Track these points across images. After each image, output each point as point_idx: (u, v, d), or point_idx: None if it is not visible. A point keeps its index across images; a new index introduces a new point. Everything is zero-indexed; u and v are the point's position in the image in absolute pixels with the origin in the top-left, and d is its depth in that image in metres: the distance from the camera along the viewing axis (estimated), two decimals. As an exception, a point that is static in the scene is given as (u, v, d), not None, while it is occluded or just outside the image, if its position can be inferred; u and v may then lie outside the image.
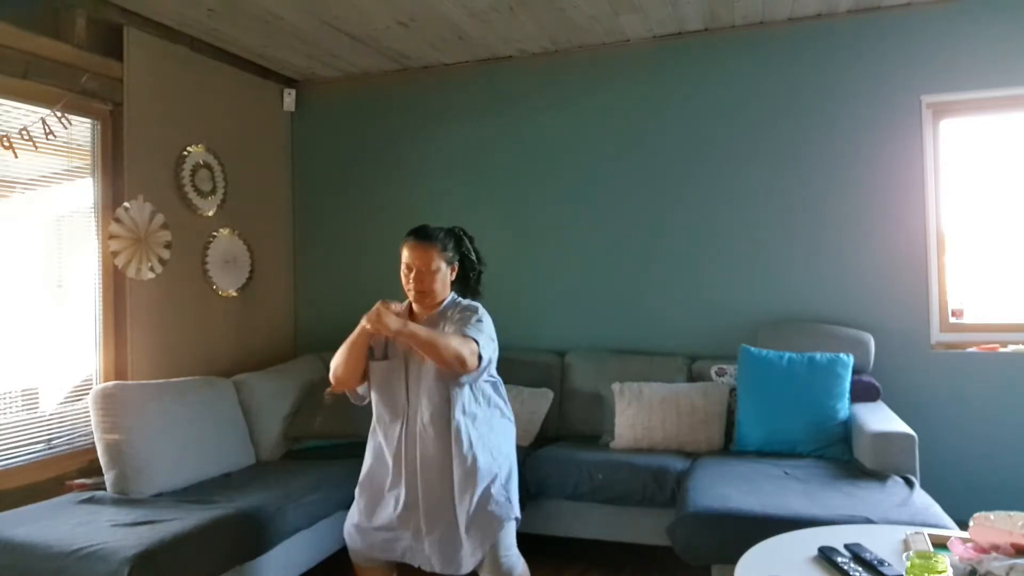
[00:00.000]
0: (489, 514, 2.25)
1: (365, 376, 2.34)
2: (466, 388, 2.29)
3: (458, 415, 2.25)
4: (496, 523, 2.25)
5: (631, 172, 4.00)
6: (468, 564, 2.26)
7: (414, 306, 2.38)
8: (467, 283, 2.46)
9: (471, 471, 2.24)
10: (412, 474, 2.28)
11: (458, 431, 2.24)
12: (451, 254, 2.36)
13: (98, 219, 3.39)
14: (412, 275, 2.29)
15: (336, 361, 2.29)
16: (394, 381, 2.31)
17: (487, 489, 2.26)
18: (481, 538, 2.25)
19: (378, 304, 2.15)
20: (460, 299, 2.41)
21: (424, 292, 2.30)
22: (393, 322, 2.06)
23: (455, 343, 2.11)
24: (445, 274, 2.34)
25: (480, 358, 2.17)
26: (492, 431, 2.34)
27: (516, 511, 2.33)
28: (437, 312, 2.35)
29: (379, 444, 2.36)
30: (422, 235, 2.31)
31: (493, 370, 2.36)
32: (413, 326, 2.11)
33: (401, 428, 2.29)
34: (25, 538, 2.35)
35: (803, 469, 2.89)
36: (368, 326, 2.11)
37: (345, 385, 2.33)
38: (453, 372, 2.18)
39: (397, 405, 2.30)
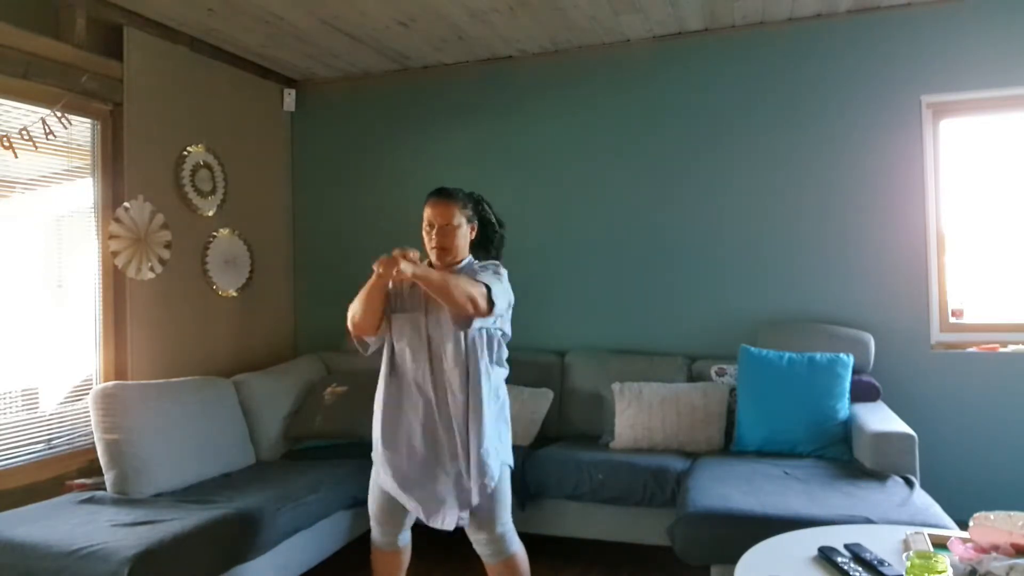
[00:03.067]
0: (491, 463, 2.27)
1: (379, 325, 2.35)
2: (483, 334, 2.31)
3: (479, 361, 2.28)
4: (489, 479, 2.27)
5: (631, 172, 4.00)
6: (475, 499, 2.28)
7: (434, 264, 2.40)
8: (488, 247, 2.51)
9: (483, 417, 2.27)
10: (445, 418, 2.29)
11: (477, 375, 2.28)
12: (471, 212, 2.42)
13: (98, 219, 3.39)
14: (434, 231, 2.34)
15: (354, 308, 2.31)
16: (416, 331, 2.32)
17: (491, 442, 2.29)
18: (480, 486, 2.26)
19: (395, 251, 2.16)
20: (477, 261, 2.45)
21: (445, 249, 2.33)
22: (406, 266, 2.07)
23: (464, 283, 2.15)
24: (465, 232, 2.39)
25: (491, 302, 2.19)
26: (499, 389, 2.39)
27: (509, 467, 2.37)
28: (455, 270, 2.36)
29: (400, 394, 2.34)
30: (443, 192, 2.39)
31: (507, 324, 2.39)
32: (425, 268, 2.13)
33: (426, 375, 2.30)
34: (25, 538, 2.35)
35: (803, 469, 2.89)
36: (381, 270, 2.11)
37: (363, 331, 2.34)
38: (466, 315, 2.19)
39: (420, 354, 2.31)
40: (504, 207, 4.19)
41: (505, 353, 2.45)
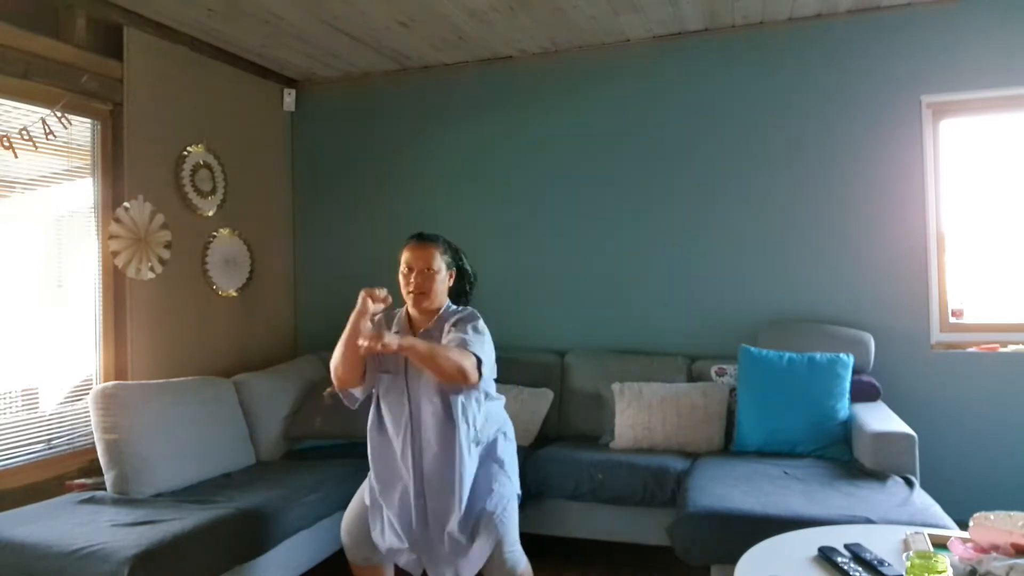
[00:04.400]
0: (491, 517, 2.26)
1: (363, 376, 2.34)
2: (470, 395, 2.30)
3: (459, 422, 2.26)
4: (498, 526, 2.27)
5: (631, 172, 4.00)
6: (475, 566, 2.28)
7: (411, 311, 2.40)
8: (460, 298, 2.49)
9: (469, 476, 2.27)
10: (419, 481, 2.30)
11: (460, 438, 2.26)
12: (450, 258, 2.40)
13: (98, 219, 3.39)
14: (413, 275, 2.31)
15: (335, 361, 2.28)
16: (397, 393, 2.33)
17: (489, 496, 2.29)
18: (485, 540, 2.26)
19: (362, 292, 2.17)
20: (454, 306, 2.43)
21: (424, 294, 2.30)
22: (391, 339, 2.00)
23: (455, 356, 2.11)
24: (444, 278, 2.36)
25: (480, 373, 2.18)
26: (490, 435, 2.38)
27: (515, 508, 2.36)
28: (435, 320, 2.36)
29: (384, 454, 2.36)
30: (423, 237, 2.37)
31: (491, 385, 2.38)
32: (411, 340, 2.09)
33: (406, 438, 2.30)
34: (25, 538, 2.35)
35: (803, 469, 2.89)
36: (365, 343, 2.03)
37: (346, 384, 2.32)
38: (455, 387, 2.20)
39: (401, 416, 2.32)
40: (504, 207, 4.23)
41: (493, 387, 2.42)
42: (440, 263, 2.33)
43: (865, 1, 3.54)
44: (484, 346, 2.25)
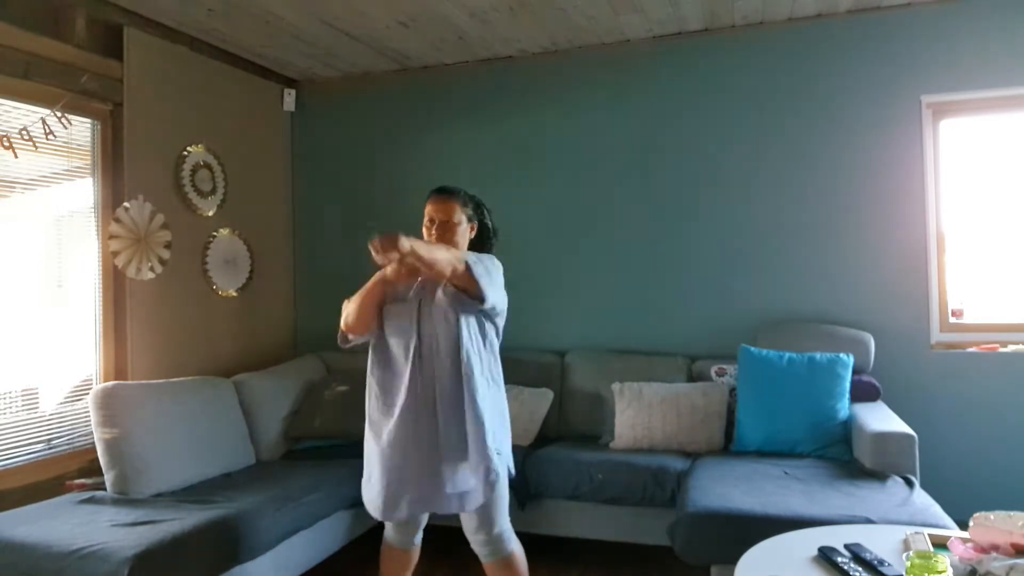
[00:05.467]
0: (494, 460, 2.24)
1: (373, 324, 2.34)
2: (472, 321, 2.29)
3: (465, 343, 2.25)
4: (493, 476, 2.24)
5: (631, 172, 4.00)
6: (474, 502, 2.25)
7: None
8: (482, 249, 2.49)
9: (479, 408, 2.24)
10: (427, 403, 2.26)
11: (468, 363, 2.24)
12: (471, 212, 2.44)
13: (98, 219, 3.39)
14: (434, 227, 2.36)
15: (349, 308, 2.32)
16: (408, 320, 2.31)
17: (493, 435, 2.26)
18: (484, 482, 2.23)
19: (390, 267, 2.17)
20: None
21: (445, 245, 2.31)
22: (403, 241, 2.05)
23: (444, 253, 2.15)
24: (465, 230, 2.41)
25: (474, 274, 2.17)
26: (489, 372, 2.35)
27: (508, 470, 2.34)
28: None
29: (388, 387, 2.32)
30: (445, 190, 2.42)
31: (498, 303, 2.33)
32: (417, 242, 2.09)
33: (415, 366, 2.27)
34: (25, 538, 2.35)
35: (803, 469, 2.89)
36: (380, 248, 2.08)
37: (356, 331, 2.34)
38: (453, 282, 2.20)
39: (410, 343, 2.29)
40: (504, 207, 4.20)
41: (502, 315, 2.41)
42: (461, 216, 2.38)
43: (865, 1, 3.54)
44: (484, 267, 2.24)
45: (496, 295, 2.28)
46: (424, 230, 2.40)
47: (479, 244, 2.50)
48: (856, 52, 3.65)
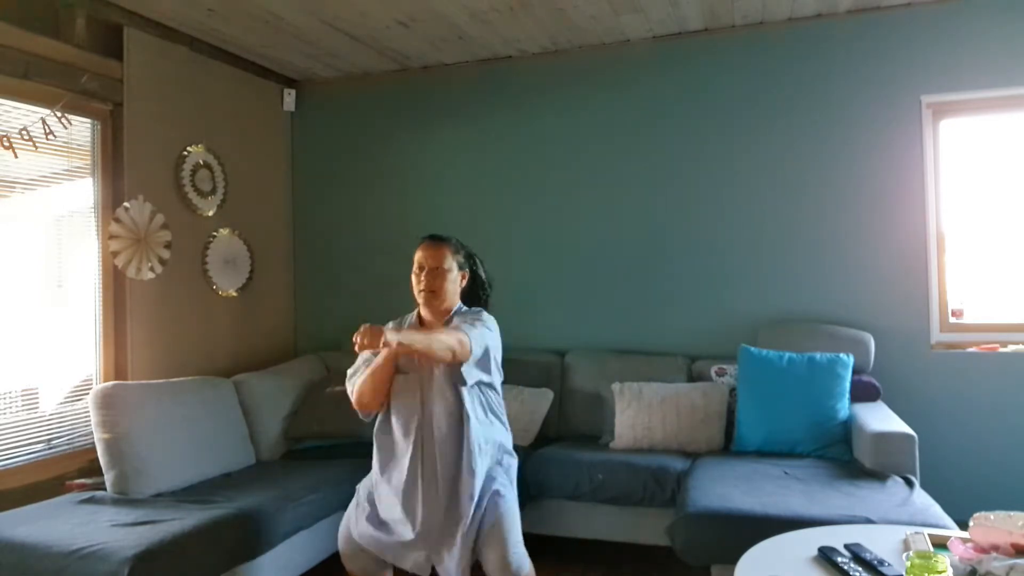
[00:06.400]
0: (496, 513, 2.26)
1: (386, 402, 2.35)
2: (474, 391, 2.30)
3: (469, 412, 2.26)
4: (501, 523, 2.26)
5: (631, 172, 4.00)
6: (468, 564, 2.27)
7: (423, 312, 2.40)
8: (475, 300, 2.49)
9: (477, 471, 2.26)
10: (431, 479, 2.27)
11: (469, 432, 2.25)
12: (462, 259, 2.41)
13: (98, 219, 3.39)
14: (424, 274, 2.33)
15: (361, 388, 2.29)
16: (410, 393, 2.32)
17: (495, 492, 2.29)
18: (489, 538, 2.25)
19: (363, 327, 2.04)
20: (465, 307, 2.44)
21: (435, 292, 2.31)
22: (391, 336, 2.01)
23: (443, 336, 2.13)
24: (456, 278, 2.38)
25: (471, 348, 2.18)
26: (493, 434, 2.36)
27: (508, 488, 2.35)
28: (446, 321, 2.36)
29: (392, 454, 2.35)
30: (435, 237, 2.40)
31: (493, 371, 2.36)
32: (406, 334, 2.08)
33: (418, 435, 2.29)
34: (25, 538, 2.35)
35: (803, 469, 2.89)
36: (364, 341, 1.97)
37: (368, 409, 2.34)
38: (452, 365, 2.20)
39: (413, 416, 2.31)
40: (504, 207, 4.23)
41: (499, 379, 2.41)
42: (451, 263, 2.36)
43: (865, 1, 3.54)
44: (479, 331, 2.24)
45: (476, 345, 2.22)
46: (413, 276, 2.37)
47: (471, 295, 2.48)
48: (856, 52, 3.65)
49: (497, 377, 2.40)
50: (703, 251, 3.87)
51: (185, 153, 3.75)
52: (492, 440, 2.35)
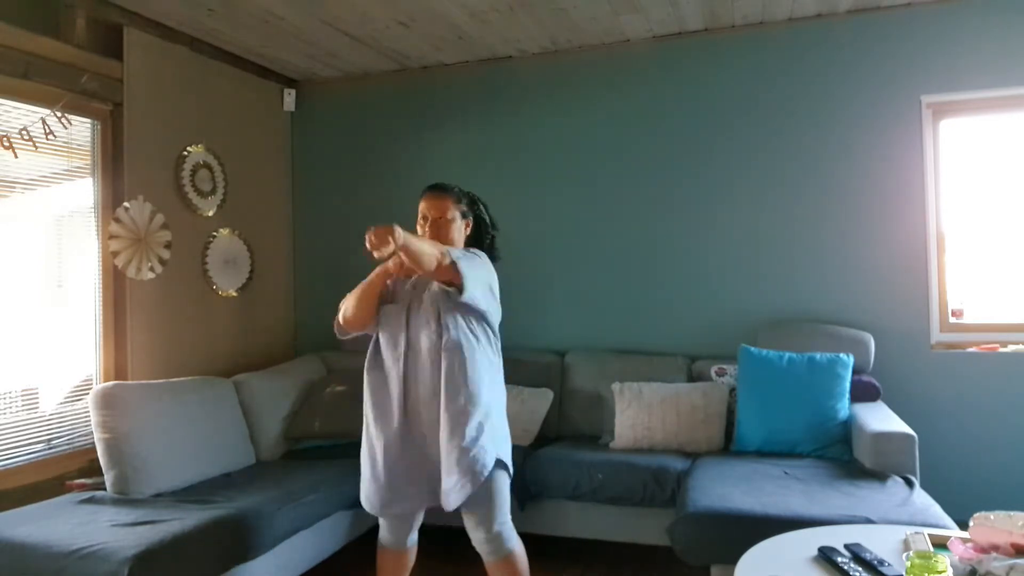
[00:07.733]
0: (477, 452, 2.21)
1: (370, 322, 2.35)
2: (460, 322, 2.27)
3: (449, 335, 2.23)
4: (479, 467, 2.21)
5: (631, 172, 4.00)
6: (457, 498, 2.22)
7: None
8: (480, 245, 2.49)
9: (461, 403, 2.22)
10: (414, 407, 2.28)
11: (455, 366, 2.22)
12: (465, 208, 2.44)
13: (98, 219, 3.39)
14: (428, 224, 2.37)
15: (348, 304, 2.33)
16: (397, 326, 2.32)
17: (477, 427, 2.23)
18: (467, 473, 2.20)
19: (373, 228, 2.10)
20: None
21: (434, 241, 2.31)
22: (398, 232, 2.04)
23: (427, 246, 2.14)
24: (460, 227, 2.41)
25: (455, 264, 2.17)
26: (478, 370, 2.29)
27: (502, 464, 2.31)
28: None
29: (380, 388, 2.33)
30: (439, 186, 2.43)
31: (492, 311, 2.34)
32: (409, 236, 2.09)
33: (403, 364, 2.29)
34: (25, 538, 2.35)
35: (803, 469, 2.89)
36: (375, 239, 2.06)
37: (352, 327, 2.35)
38: (439, 274, 2.19)
39: (399, 348, 2.31)
40: (504, 207, 4.19)
41: (495, 315, 2.39)
42: (455, 212, 2.39)
43: (865, 1, 3.54)
44: (470, 260, 2.23)
45: (478, 290, 2.25)
46: (418, 227, 2.40)
47: (476, 238, 2.50)
48: (856, 52, 3.65)
49: (493, 318, 2.37)
50: (703, 251, 3.87)
51: (185, 153, 3.75)
52: (483, 364, 2.31)
